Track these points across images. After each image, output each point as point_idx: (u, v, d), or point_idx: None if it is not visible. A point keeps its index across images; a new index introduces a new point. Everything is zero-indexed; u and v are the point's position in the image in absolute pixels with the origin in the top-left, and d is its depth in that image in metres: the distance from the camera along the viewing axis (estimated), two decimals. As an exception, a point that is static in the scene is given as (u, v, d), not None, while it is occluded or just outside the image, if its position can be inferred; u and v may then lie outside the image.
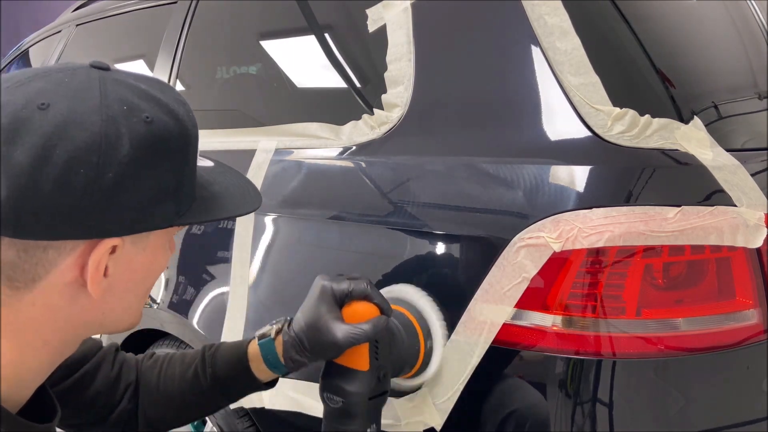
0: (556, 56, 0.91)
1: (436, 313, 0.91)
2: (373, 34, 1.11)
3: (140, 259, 0.65)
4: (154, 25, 1.79)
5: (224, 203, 0.70)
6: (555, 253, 0.82)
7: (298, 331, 0.84)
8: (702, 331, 0.83)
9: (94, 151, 0.56)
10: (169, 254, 0.71)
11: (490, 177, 0.92)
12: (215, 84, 1.53)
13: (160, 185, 0.61)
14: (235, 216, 0.71)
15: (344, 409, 0.83)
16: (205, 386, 0.89)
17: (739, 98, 1.03)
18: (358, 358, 0.83)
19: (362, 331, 0.80)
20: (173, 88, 0.66)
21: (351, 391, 0.82)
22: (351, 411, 0.83)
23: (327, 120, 1.18)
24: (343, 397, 0.83)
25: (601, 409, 0.83)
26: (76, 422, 0.88)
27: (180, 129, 0.64)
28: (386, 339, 0.86)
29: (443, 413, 0.92)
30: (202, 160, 0.73)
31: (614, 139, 0.86)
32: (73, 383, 0.86)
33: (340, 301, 0.84)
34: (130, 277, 0.65)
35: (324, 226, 1.11)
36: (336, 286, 0.84)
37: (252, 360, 0.88)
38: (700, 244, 0.82)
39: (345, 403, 0.83)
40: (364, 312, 0.83)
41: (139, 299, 0.69)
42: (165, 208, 0.63)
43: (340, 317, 0.83)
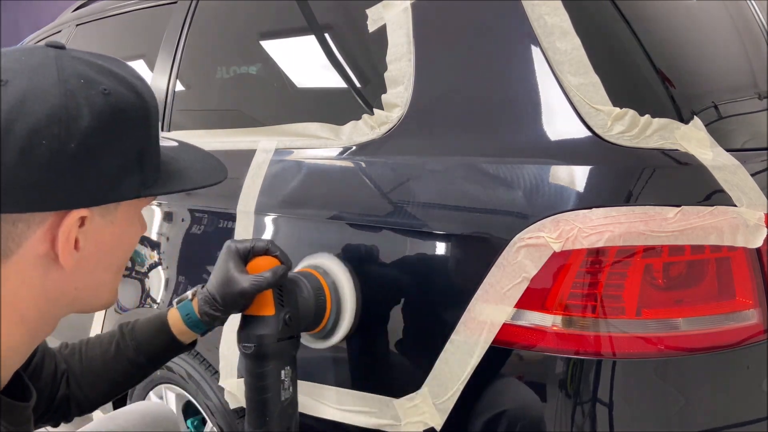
0: (556, 56, 0.91)
1: (348, 281, 1.01)
2: (373, 34, 1.11)
3: (109, 232, 0.67)
4: (154, 25, 1.79)
5: (190, 176, 0.73)
6: (555, 253, 0.82)
7: (210, 288, 0.93)
8: (702, 331, 0.83)
9: (55, 123, 0.58)
10: (139, 230, 0.73)
11: (490, 177, 0.92)
12: (215, 84, 1.53)
13: (123, 156, 0.64)
14: (200, 187, 0.74)
15: (256, 352, 0.92)
16: (131, 357, 0.95)
17: (739, 98, 1.03)
18: (264, 305, 0.93)
19: (263, 278, 0.90)
20: (129, 65, 0.69)
21: (260, 334, 0.92)
22: (262, 353, 0.92)
23: (327, 120, 1.18)
24: (254, 342, 0.92)
25: (601, 409, 0.83)
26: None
27: (138, 101, 0.66)
28: (290, 288, 0.96)
29: (443, 413, 0.92)
30: (166, 140, 0.75)
31: (614, 139, 0.86)
32: (29, 375, 0.88)
33: (245, 258, 0.94)
34: (100, 250, 0.67)
35: (324, 226, 1.11)
36: (239, 245, 0.94)
37: (173, 324, 0.95)
38: (700, 244, 0.82)
39: (256, 347, 0.92)
40: (265, 264, 0.93)
41: (112, 276, 0.71)
42: (130, 179, 0.65)
43: (245, 270, 0.92)
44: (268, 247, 0.94)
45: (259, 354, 0.92)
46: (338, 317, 1.01)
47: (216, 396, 1.28)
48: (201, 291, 0.95)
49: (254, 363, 0.93)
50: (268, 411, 0.93)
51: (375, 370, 1.05)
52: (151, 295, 1.49)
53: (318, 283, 1.00)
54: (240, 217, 1.25)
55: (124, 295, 1.58)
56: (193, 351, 1.05)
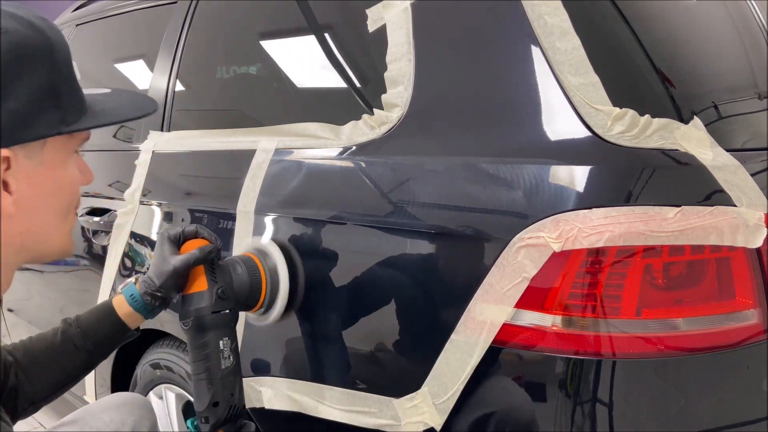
0: (556, 56, 0.91)
1: (282, 264, 1.11)
2: (373, 34, 1.11)
3: (42, 174, 0.68)
4: (154, 25, 1.79)
5: (117, 112, 0.75)
6: (555, 253, 0.82)
7: (149, 272, 1.01)
8: (702, 331, 0.83)
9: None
10: (77, 175, 0.74)
11: (490, 177, 0.92)
12: (215, 84, 1.53)
13: (31, 92, 0.64)
14: (125, 120, 0.77)
15: (194, 325, 0.99)
16: (78, 344, 0.99)
17: (739, 98, 1.03)
18: (197, 282, 1.01)
19: (192, 255, 0.99)
20: (34, 10, 0.70)
21: (196, 308, 0.99)
22: (200, 325, 0.99)
23: (327, 120, 1.18)
24: (191, 317, 0.99)
25: (601, 409, 0.83)
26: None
27: (40, 37, 0.66)
28: (224, 267, 1.05)
29: (443, 413, 0.92)
30: (99, 89, 0.77)
31: (614, 139, 0.86)
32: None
33: (177, 243, 1.03)
34: (37, 192, 0.68)
35: (324, 226, 1.11)
36: (170, 231, 1.03)
37: (118, 307, 1.01)
38: (700, 244, 0.82)
39: (193, 320, 0.99)
40: (194, 245, 1.02)
41: (58, 220, 0.73)
42: (47, 116, 0.66)
43: (177, 252, 1.01)
44: (196, 230, 1.03)
45: (197, 326, 0.99)
46: (275, 295, 1.10)
47: (216, 396, 1.28)
48: (142, 276, 1.02)
49: (194, 336, 1.00)
50: (211, 379, 0.99)
51: (375, 370, 1.05)
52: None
53: (253, 263, 1.09)
54: (240, 217, 1.25)
55: (124, 295, 1.58)
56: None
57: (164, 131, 1.61)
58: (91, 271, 1.80)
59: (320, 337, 1.11)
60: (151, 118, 1.66)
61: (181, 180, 1.52)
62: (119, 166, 1.74)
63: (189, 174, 1.51)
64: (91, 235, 1.79)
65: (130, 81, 1.89)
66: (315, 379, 1.09)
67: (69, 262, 1.93)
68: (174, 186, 1.53)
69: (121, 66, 2.00)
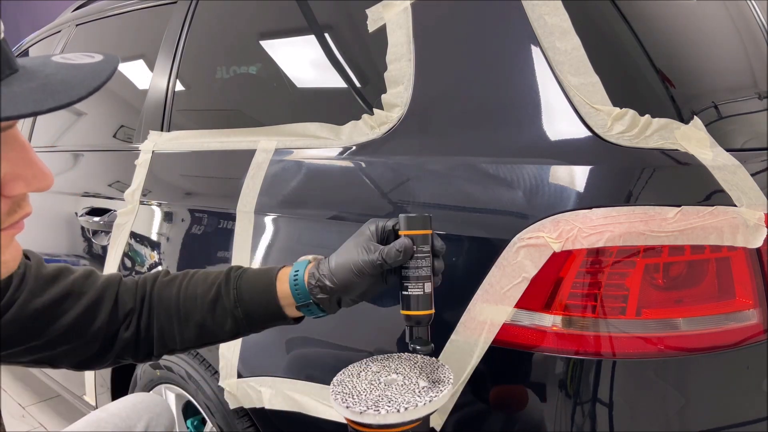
0: (556, 56, 0.91)
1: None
2: (373, 34, 1.11)
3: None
4: (154, 25, 1.79)
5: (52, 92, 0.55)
6: (555, 253, 0.82)
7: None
8: (702, 331, 0.83)
9: None
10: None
11: (490, 177, 0.92)
12: (215, 84, 1.53)
13: None
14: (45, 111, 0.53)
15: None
16: (228, 308, 0.88)
17: (739, 98, 1.03)
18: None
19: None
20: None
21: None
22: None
23: (327, 120, 1.18)
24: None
25: (601, 409, 0.83)
26: (84, 357, 0.89)
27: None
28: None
29: (443, 413, 0.92)
30: (81, 54, 0.61)
31: (614, 139, 0.86)
32: (78, 317, 0.86)
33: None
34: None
35: (324, 226, 1.11)
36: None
37: (280, 281, 0.88)
38: (700, 244, 0.82)
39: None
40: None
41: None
42: None
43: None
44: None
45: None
46: None
47: (216, 396, 1.28)
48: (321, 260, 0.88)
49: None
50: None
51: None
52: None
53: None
54: (240, 217, 1.25)
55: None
56: (192, 351, 1.02)
57: (164, 131, 1.61)
58: (91, 271, 1.80)
59: (320, 337, 1.11)
60: (152, 118, 1.66)
61: (181, 180, 1.52)
62: (119, 166, 1.74)
63: (189, 174, 1.51)
64: (91, 235, 1.79)
65: (130, 81, 1.89)
66: (315, 379, 1.09)
67: (69, 262, 1.93)
68: (174, 186, 1.53)
69: (121, 66, 2.00)
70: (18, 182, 0.58)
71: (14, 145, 0.57)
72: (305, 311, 0.88)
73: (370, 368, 0.86)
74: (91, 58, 0.59)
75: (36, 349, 0.85)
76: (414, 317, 0.84)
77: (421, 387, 0.78)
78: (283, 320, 0.90)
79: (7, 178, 0.57)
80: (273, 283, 0.88)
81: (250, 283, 0.89)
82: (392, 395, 0.76)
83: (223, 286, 0.89)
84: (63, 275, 0.89)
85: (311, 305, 0.87)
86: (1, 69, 0.52)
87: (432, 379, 0.80)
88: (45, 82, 0.54)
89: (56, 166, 2.04)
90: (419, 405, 0.73)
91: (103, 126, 2.00)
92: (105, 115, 2.01)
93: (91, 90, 0.54)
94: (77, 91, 0.53)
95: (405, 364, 0.86)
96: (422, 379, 0.81)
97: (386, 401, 0.75)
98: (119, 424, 1.13)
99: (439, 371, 0.83)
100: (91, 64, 0.58)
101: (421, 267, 0.84)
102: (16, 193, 0.58)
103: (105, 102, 2.01)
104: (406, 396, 0.76)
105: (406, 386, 0.79)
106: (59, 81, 0.54)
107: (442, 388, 0.77)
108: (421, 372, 0.83)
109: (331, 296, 0.85)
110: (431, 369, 0.84)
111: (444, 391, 0.77)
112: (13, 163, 0.57)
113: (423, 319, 0.84)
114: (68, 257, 1.93)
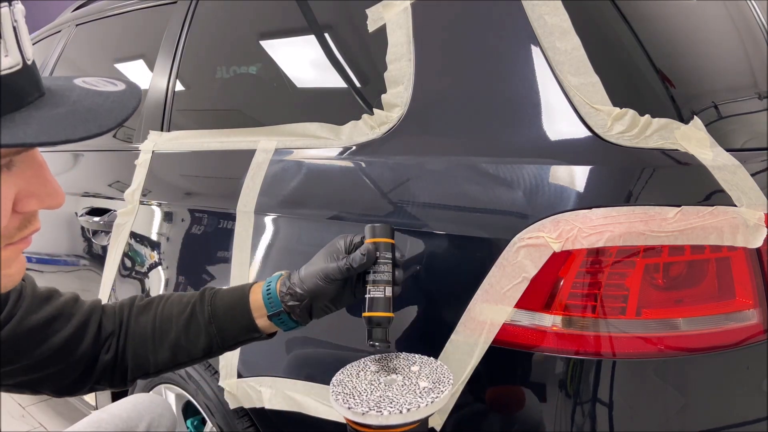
0: (556, 56, 0.91)
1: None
2: (373, 34, 1.11)
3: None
4: (154, 25, 1.79)
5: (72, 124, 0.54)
6: (555, 253, 0.82)
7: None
8: (702, 331, 0.83)
9: None
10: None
11: (490, 177, 0.92)
12: (215, 84, 1.53)
13: None
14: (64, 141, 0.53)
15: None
16: (202, 324, 0.90)
17: (739, 98, 1.03)
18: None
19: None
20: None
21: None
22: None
23: (327, 120, 1.18)
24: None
25: (601, 409, 0.83)
26: (67, 381, 0.89)
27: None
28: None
29: (443, 413, 0.92)
30: (105, 81, 0.62)
31: (614, 139, 0.86)
32: (68, 337, 0.86)
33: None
34: None
35: (324, 226, 1.11)
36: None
37: (253, 295, 0.90)
38: (700, 244, 0.82)
39: None
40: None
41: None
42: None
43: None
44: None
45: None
46: None
47: (216, 396, 1.28)
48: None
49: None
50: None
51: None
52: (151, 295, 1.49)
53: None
54: (240, 217, 1.25)
55: (124, 295, 1.58)
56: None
57: (164, 131, 1.61)
58: (91, 271, 1.81)
59: (320, 337, 1.11)
60: (152, 118, 1.66)
61: (181, 180, 1.52)
62: (119, 166, 1.74)
63: (189, 174, 1.51)
64: (91, 235, 1.79)
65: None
66: (315, 379, 1.09)
67: (69, 262, 1.93)
68: (174, 186, 1.53)
69: (121, 66, 2.00)
70: (32, 199, 0.59)
71: (32, 164, 0.58)
72: (276, 321, 0.90)
73: (369, 368, 0.86)
74: (114, 86, 0.60)
75: (25, 369, 0.85)
76: (375, 319, 0.87)
77: (422, 387, 0.78)
78: (255, 333, 0.92)
79: (21, 195, 0.57)
80: (246, 295, 0.91)
81: (224, 299, 0.91)
82: (393, 396, 0.76)
83: (198, 305, 0.92)
84: (54, 296, 0.91)
85: (282, 314, 0.89)
86: (29, 92, 0.53)
87: (432, 380, 0.80)
88: (73, 110, 0.54)
89: (56, 166, 2.05)
90: (421, 406, 0.74)
91: (103, 126, 1.99)
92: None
93: (119, 121, 0.55)
94: (106, 122, 0.54)
95: (403, 363, 0.86)
96: (422, 379, 0.81)
97: (388, 402, 0.75)
98: (120, 424, 1.13)
99: (438, 371, 0.83)
100: (116, 93, 0.59)
101: (383, 272, 0.89)
102: (29, 209, 0.59)
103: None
104: (408, 397, 0.76)
105: (407, 387, 0.79)
106: (86, 109, 0.55)
107: (443, 389, 0.78)
108: (421, 372, 0.83)
109: (301, 303, 0.88)
110: (430, 369, 0.84)
111: (445, 391, 0.77)
112: (29, 181, 0.58)
113: (383, 321, 0.87)
114: (68, 257, 1.93)
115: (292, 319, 0.90)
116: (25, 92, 0.52)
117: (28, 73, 0.53)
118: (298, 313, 0.89)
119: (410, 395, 0.76)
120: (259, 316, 0.91)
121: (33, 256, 2.11)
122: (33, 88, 0.54)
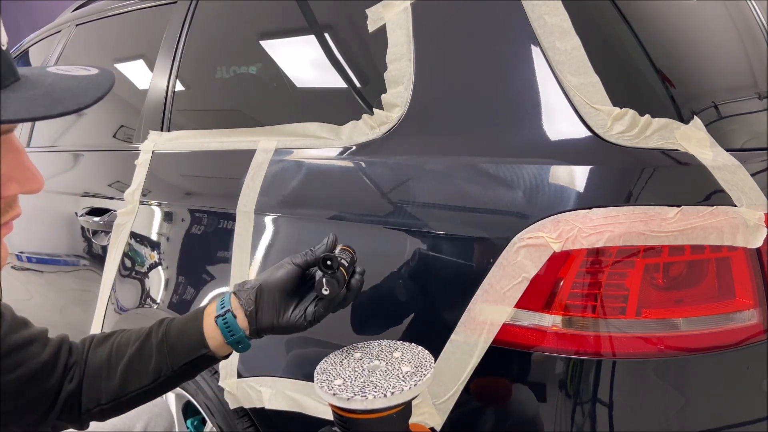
0: (556, 56, 0.91)
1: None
2: (373, 34, 1.11)
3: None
4: (154, 25, 1.79)
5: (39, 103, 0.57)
6: (555, 253, 0.82)
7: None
8: (702, 331, 0.83)
9: None
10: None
11: (490, 177, 0.92)
12: (215, 84, 1.53)
13: None
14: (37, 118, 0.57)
15: None
16: (154, 343, 0.88)
17: (739, 98, 1.03)
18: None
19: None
20: None
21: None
22: None
23: (327, 120, 1.18)
24: None
25: (601, 409, 0.83)
26: (33, 416, 0.87)
27: None
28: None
29: (443, 413, 0.92)
30: (77, 67, 0.65)
31: (614, 139, 0.86)
32: (43, 363, 0.86)
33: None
34: None
35: (324, 226, 1.11)
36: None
37: (207, 316, 0.88)
38: (700, 244, 0.82)
39: None
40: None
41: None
42: None
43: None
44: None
45: None
46: None
47: (216, 396, 1.28)
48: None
49: None
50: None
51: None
52: (151, 295, 1.49)
53: None
54: (240, 217, 1.25)
55: (124, 295, 1.58)
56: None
57: (164, 131, 1.61)
58: (91, 271, 1.80)
59: (320, 337, 1.11)
60: (152, 118, 1.66)
61: (181, 180, 1.52)
62: (119, 166, 1.74)
63: (189, 174, 1.51)
64: (91, 235, 1.79)
65: (130, 81, 1.89)
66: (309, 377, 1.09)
67: (69, 262, 1.93)
68: (174, 186, 1.53)
69: (121, 66, 2.00)
70: (12, 183, 0.61)
71: (10, 148, 0.60)
72: (220, 321, 0.87)
73: (353, 355, 0.87)
74: (87, 71, 0.63)
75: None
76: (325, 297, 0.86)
77: (405, 372, 0.80)
78: (204, 348, 0.88)
79: (2, 180, 0.59)
80: (202, 310, 0.89)
81: (181, 319, 0.90)
82: (377, 381, 0.78)
83: (155, 327, 0.91)
84: (29, 324, 0.91)
85: (228, 314, 0.86)
86: (6, 76, 0.55)
87: (414, 364, 0.82)
88: (50, 90, 0.57)
89: (56, 166, 2.04)
90: (405, 389, 0.75)
91: (103, 126, 2.00)
92: (105, 115, 2.01)
93: (95, 99, 0.59)
94: (82, 100, 0.58)
95: (386, 350, 0.88)
96: (405, 364, 0.82)
97: (372, 387, 0.76)
98: (118, 424, 1.13)
99: (420, 356, 0.85)
100: (90, 76, 0.62)
101: (342, 258, 0.88)
102: (10, 193, 0.61)
103: (105, 102, 2.00)
104: (391, 381, 0.78)
105: (390, 372, 0.80)
106: (63, 89, 0.58)
107: (425, 372, 0.79)
108: (403, 357, 0.84)
109: (251, 288, 0.86)
110: (412, 354, 0.85)
111: (427, 375, 0.79)
112: (9, 165, 0.60)
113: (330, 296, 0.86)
114: (68, 257, 1.93)
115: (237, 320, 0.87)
116: (0, 75, 0.55)
117: (2, 58, 0.55)
118: (244, 299, 0.86)
119: (393, 380, 0.78)
120: (208, 314, 0.88)
121: (33, 256, 2.11)
122: (9, 72, 0.56)
